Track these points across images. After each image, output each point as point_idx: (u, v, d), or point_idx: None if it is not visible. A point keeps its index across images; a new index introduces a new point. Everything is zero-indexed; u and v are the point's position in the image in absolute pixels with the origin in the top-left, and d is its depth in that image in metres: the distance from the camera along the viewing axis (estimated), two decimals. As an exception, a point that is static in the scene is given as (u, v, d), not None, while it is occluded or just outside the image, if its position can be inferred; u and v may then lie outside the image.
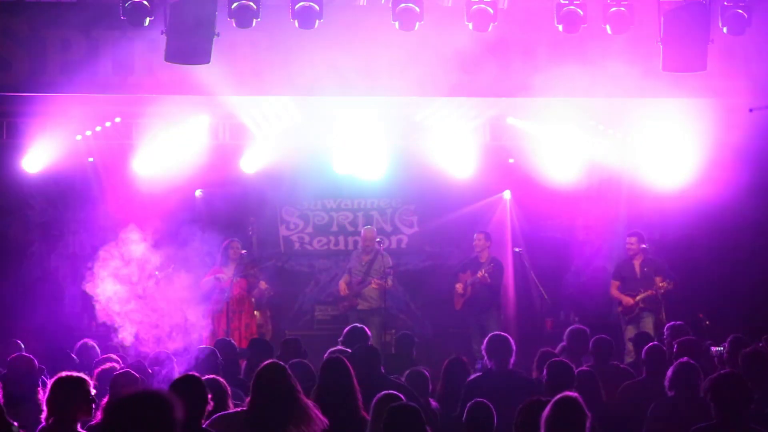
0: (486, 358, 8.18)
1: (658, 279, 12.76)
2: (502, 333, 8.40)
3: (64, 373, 5.73)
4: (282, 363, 6.43)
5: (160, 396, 3.63)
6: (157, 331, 11.36)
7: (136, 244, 11.82)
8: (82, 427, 5.80)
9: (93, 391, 5.70)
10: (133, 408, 3.59)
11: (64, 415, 5.56)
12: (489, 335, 8.38)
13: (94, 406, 5.68)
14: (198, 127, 13.53)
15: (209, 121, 13.60)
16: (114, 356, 9.08)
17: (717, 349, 9.97)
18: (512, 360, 8.05)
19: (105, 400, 6.49)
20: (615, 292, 13.10)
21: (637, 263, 13.00)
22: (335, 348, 8.46)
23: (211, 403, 5.67)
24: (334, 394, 6.68)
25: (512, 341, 8.16)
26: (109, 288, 11.27)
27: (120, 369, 7.60)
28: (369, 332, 9.17)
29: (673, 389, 7.20)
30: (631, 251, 13.06)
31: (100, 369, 7.68)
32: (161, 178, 13.48)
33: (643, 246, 13.00)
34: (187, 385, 5.64)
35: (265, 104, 13.61)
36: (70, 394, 5.58)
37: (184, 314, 11.35)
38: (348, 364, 6.86)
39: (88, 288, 11.18)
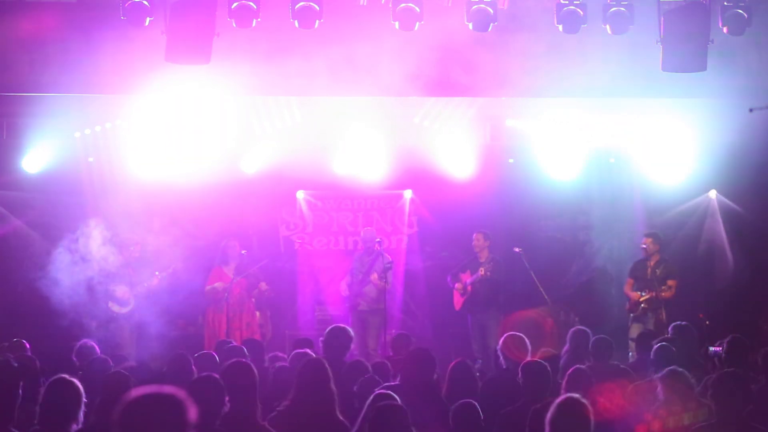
0: (501, 357, 8.14)
1: (670, 282, 12.71)
2: (518, 333, 8.27)
3: (57, 377, 5.65)
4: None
5: (172, 396, 3.56)
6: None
7: (93, 239, 11.89)
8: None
9: (84, 397, 5.61)
10: (145, 408, 3.53)
11: (55, 419, 5.50)
12: (504, 335, 8.28)
13: (84, 411, 5.60)
14: (197, 127, 13.52)
15: (209, 121, 13.59)
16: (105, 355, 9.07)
17: (716, 349, 9.96)
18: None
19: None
20: (627, 289, 13.11)
21: (650, 264, 12.95)
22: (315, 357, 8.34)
23: (228, 405, 5.55)
24: (310, 399, 6.49)
25: (527, 341, 8.12)
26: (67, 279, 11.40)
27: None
28: (351, 332, 9.03)
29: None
30: (645, 252, 13.01)
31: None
32: (161, 178, 13.48)
33: (643, 246, 12.97)
34: (204, 385, 5.57)
35: (266, 104, 13.61)
36: (60, 399, 5.52)
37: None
38: (326, 367, 6.65)
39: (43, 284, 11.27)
